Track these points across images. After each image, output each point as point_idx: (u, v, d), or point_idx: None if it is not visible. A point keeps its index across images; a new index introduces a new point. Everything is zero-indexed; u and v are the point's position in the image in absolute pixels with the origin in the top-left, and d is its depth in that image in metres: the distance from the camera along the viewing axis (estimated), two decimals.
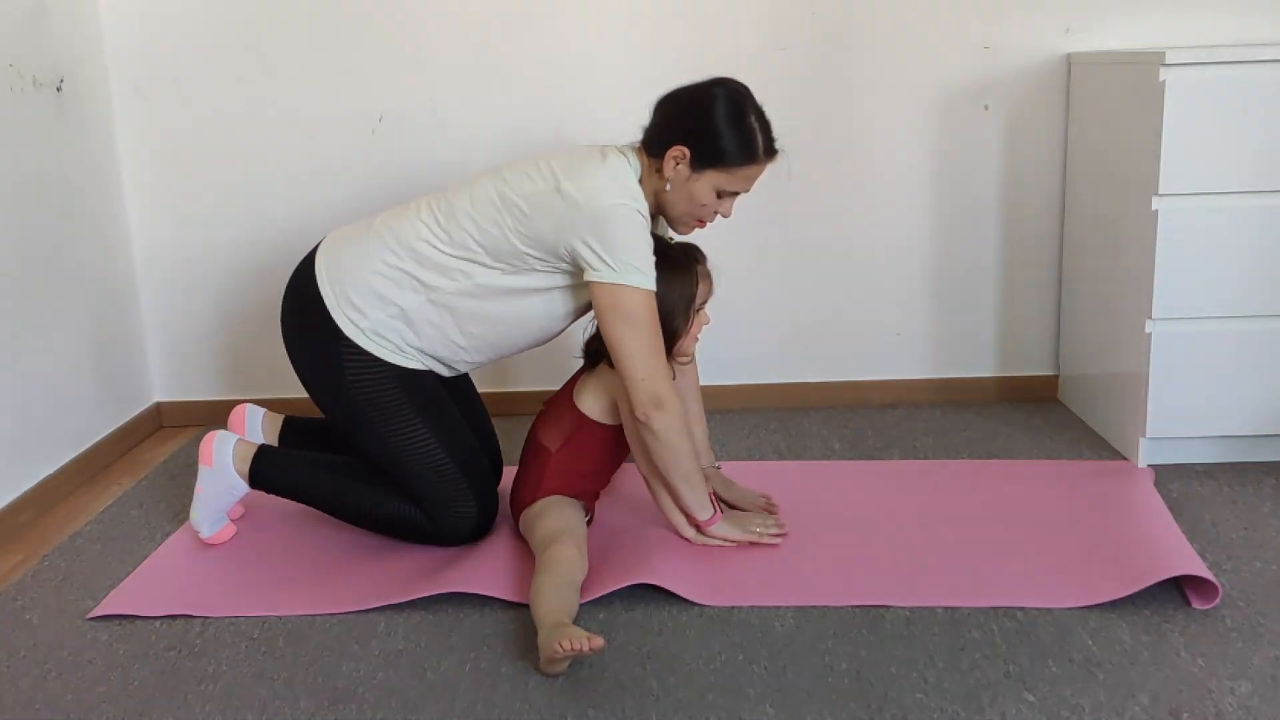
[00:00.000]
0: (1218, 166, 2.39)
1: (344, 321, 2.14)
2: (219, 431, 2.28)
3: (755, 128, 2.09)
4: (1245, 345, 2.48)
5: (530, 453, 2.26)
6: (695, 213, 2.15)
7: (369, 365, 2.15)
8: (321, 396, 2.23)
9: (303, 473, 2.25)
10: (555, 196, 2.05)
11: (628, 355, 2.04)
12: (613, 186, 2.06)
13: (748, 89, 2.14)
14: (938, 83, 2.92)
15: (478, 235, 2.10)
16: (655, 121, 2.14)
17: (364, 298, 2.14)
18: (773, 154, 2.13)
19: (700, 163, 2.08)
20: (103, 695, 1.80)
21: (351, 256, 2.17)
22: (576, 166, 2.09)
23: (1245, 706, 1.67)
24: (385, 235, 2.16)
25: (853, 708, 1.70)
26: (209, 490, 2.25)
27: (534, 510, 2.17)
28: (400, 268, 2.13)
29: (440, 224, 2.13)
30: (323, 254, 2.21)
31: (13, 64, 2.52)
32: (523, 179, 2.10)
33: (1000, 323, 3.07)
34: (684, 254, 2.20)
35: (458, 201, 2.14)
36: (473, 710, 1.73)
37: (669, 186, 2.11)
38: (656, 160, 2.11)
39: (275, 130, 2.96)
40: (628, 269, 2.02)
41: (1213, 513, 2.32)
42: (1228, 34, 2.85)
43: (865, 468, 2.64)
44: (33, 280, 2.58)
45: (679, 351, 2.22)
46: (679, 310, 2.16)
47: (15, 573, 2.26)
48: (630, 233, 2.04)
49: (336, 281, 2.16)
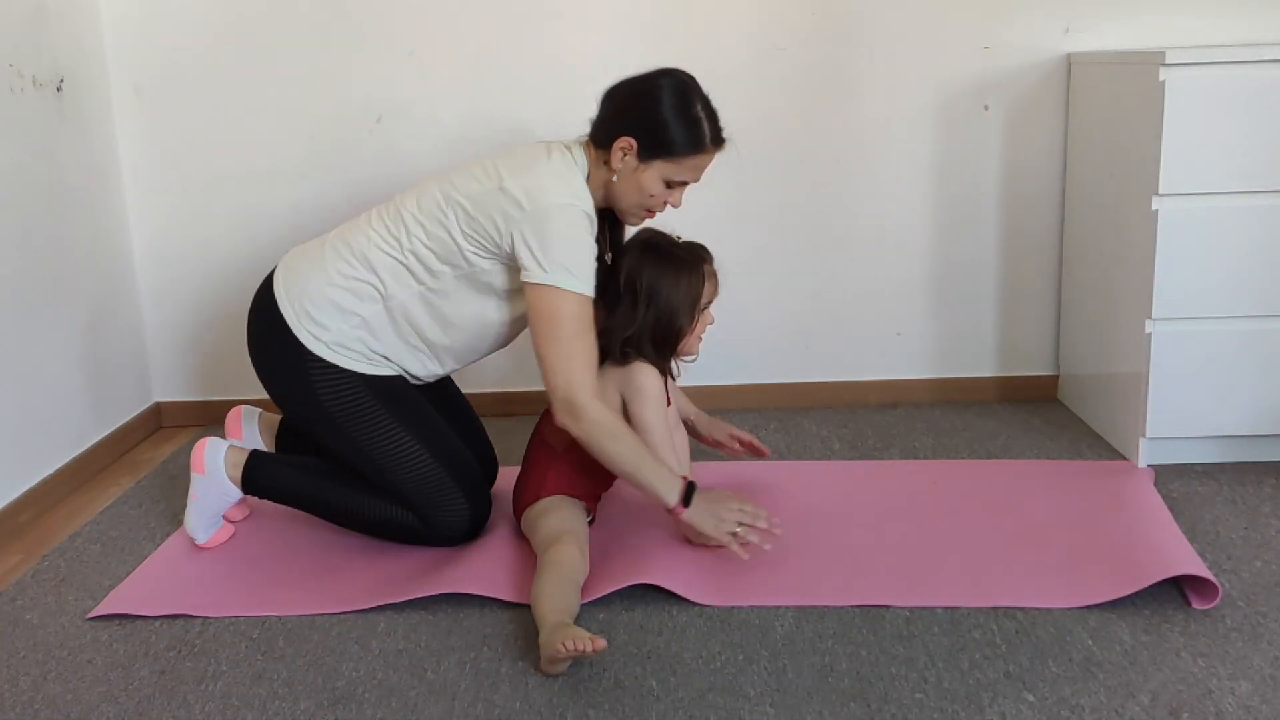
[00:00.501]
0: (1218, 166, 2.39)
1: (306, 336, 2.15)
2: (210, 438, 2.27)
3: (702, 117, 2.09)
4: (1245, 345, 2.48)
5: (535, 452, 2.25)
6: (644, 203, 2.14)
7: (337, 376, 2.15)
8: (298, 413, 2.23)
9: (295, 478, 2.25)
10: (498, 195, 2.06)
11: (545, 359, 2.04)
12: (556, 186, 2.06)
13: (694, 79, 2.13)
14: (938, 83, 2.92)
15: (426, 239, 2.12)
16: (602, 113, 2.14)
17: (323, 311, 2.15)
18: (720, 143, 2.12)
19: (647, 153, 2.07)
20: (102, 695, 1.80)
21: (308, 272, 2.18)
22: (520, 165, 2.09)
23: (1245, 706, 1.67)
24: (339, 247, 2.18)
25: (853, 707, 1.70)
26: (202, 497, 2.25)
27: (536, 509, 2.17)
28: (356, 277, 2.14)
29: (390, 231, 2.15)
30: (280, 273, 2.23)
31: (12, 64, 2.52)
32: (468, 180, 2.12)
33: (1000, 323, 3.07)
34: (691, 253, 2.19)
35: (405, 207, 2.15)
36: (472, 710, 1.73)
37: (617, 178, 2.10)
38: (604, 152, 2.10)
39: (274, 130, 2.96)
40: (558, 270, 2.01)
41: (1213, 512, 2.32)
42: (1228, 34, 2.85)
43: (865, 467, 2.64)
44: (32, 280, 2.58)
45: (683, 350, 2.22)
46: (684, 309, 2.16)
47: (15, 573, 2.26)
48: (567, 234, 2.03)
49: (295, 298, 2.16)
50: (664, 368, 2.20)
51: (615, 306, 2.17)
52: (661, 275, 2.15)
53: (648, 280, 2.14)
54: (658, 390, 2.17)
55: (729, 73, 2.92)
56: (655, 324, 2.15)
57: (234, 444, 2.28)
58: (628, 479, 2.08)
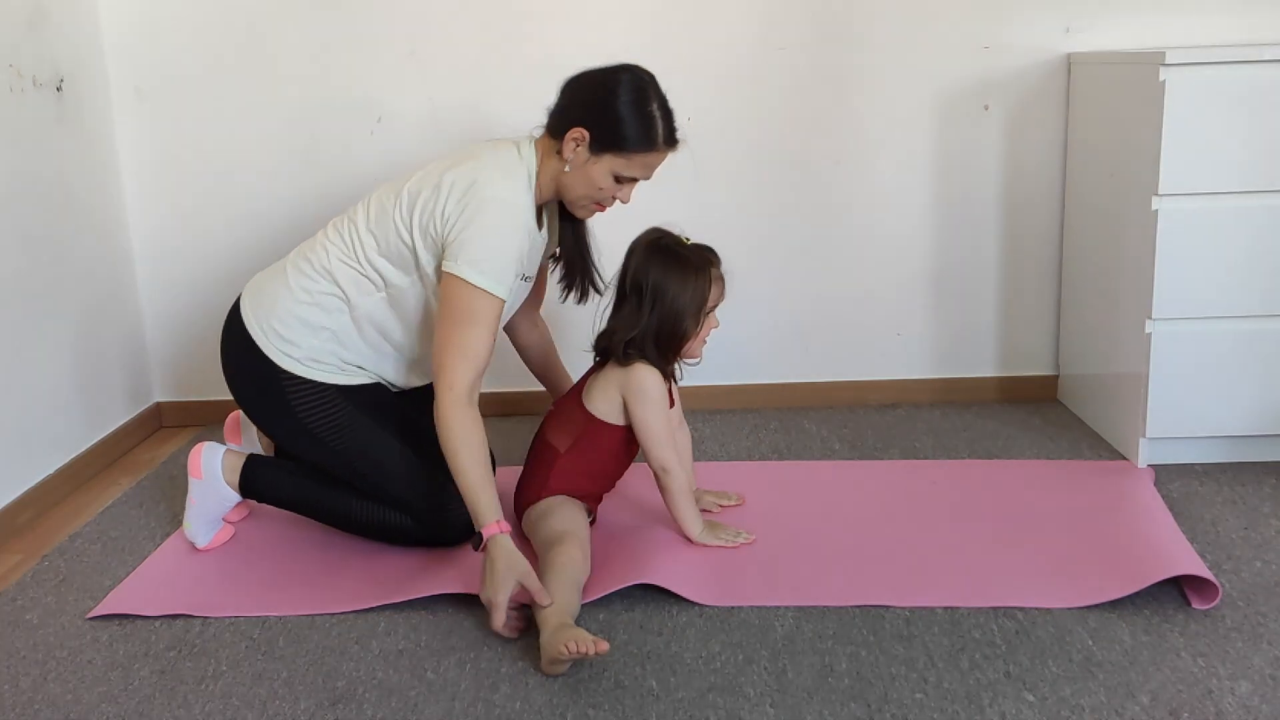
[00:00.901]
0: (1218, 166, 2.39)
1: (278, 355, 2.16)
2: (207, 443, 2.28)
3: (657, 115, 2.09)
4: (1245, 345, 2.48)
5: (538, 451, 2.25)
6: (593, 196, 2.14)
7: (314, 391, 2.16)
8: (282, 434, 2.24)
9: (293, 482, 2.25)
10: (437, 192, 2.07)
11: (435, 342, 2.03)
12: (491, 180, 2.06)
13: (653, 76, 2.13)
14: (938, 83, 2.92)
15: (379, 245, 2.13)
16: (559, 103, 2.14)
17: (291, 328, 2.16)
18: (673, 143, 2.13)
19: (599, 146, 2.07)
20: (103, 695, 1.80)
21: (273, 293, 2.19)
22: (461, 161, 2.10)
23: (1245, 706, 1.67)
24: (300, 264, 2.19)
25: (853, 708, 1.70)
26: (200, 502, 2.25)
27: (538, 509, 2.16)
28: (320, 291, 2.16)
29: (345, 240, 2.16)
30: (245, 298, 2.24)
31: (12, 64, 2.52)
32: (414, 180, 2.13)
33: (1000, 323, 3.07)
34: (699, 255, 2.17)
35: (357, 219, 2.17)
36: (472, 710, 1.73)
37: (568, 168, 2.10)
38: (558, 141, 2.10)
39: (275, 131, 2.96)
40: (472, 266, 2.01)
41: (1212, 512, 2.32)
42: (1228, 34, 2.85)
43: (865, 468, 2.64)
44: (32, 281, 2.58)
45: (687, 353, 2.20)
46: (689, 312, 2.14)
47: (15, 573, 2.26)
48: (491, 229, 2.03)
49: (263, 319, 2.18)
50: (667, 370, 2.19)
51: (620, 305, 2.17)
52: (668, 277, 2.13)
53: (654, 281, 2.12)
54: (659, 391, 2.16)
55: (729, 73, 2.93)
56: (660, 326, 2.14)
57: (231, 448, 2.28)
58: (461, 483, 2.01)
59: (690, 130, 2.92)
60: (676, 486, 2.17)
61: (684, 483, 2.19)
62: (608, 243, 2.32)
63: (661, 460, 2.15)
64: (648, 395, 2.15)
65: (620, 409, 2.18)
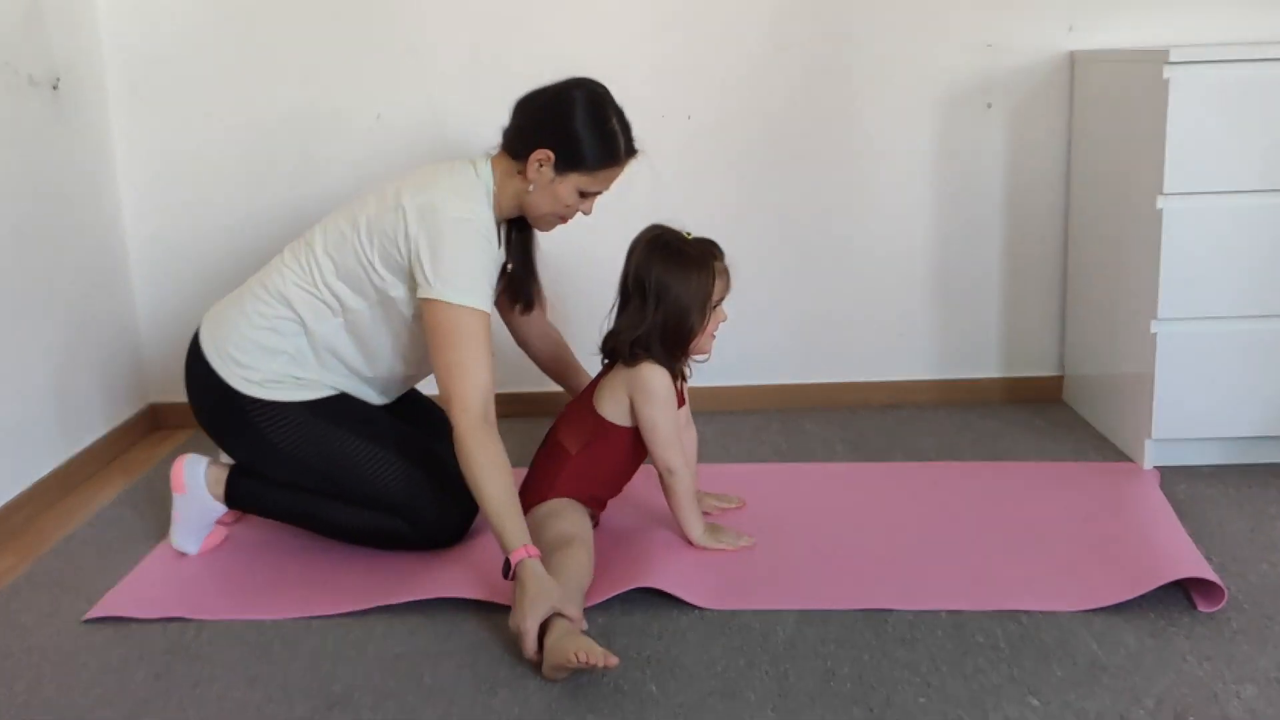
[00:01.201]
0: (1222, 165, 2.38)
1: (237, 381, 2.15)
2: (189, 455, 2.26)
3: (617, 130, 2.11)
4: (1251, 345, 2.46)
5: (549, 452, 2.22)
6: (559, 212, 2.17)
7: (279, 411, 2.15)
8: (256, 460, 2.21)
9: (279, 491, 2.22)
10: (396, 214, 2.07)
11: (438, 373, 2.03)
12: (451, 202, 2.07)
13: (606, 89, 2.14)
14: (940, 81, 2.91)
15: (336, 270, 2.13)
16: (516, 124, 2.15)
17: (249, 354, 2.15)
18: (633, 154, 2.15)
19: (564, 166, 2.09)
20: (98, 698, 1.79)
21: (230, 319, 2.19)
22: (418, 183, 2.11)
23: (1251, 710, 1.65)
24: (257, 290, 2.19)
25: (855, 712, 1.68)
26: (184, 515, 2.24)
27: (545, 510, 2.14)
28: (277, 315, 2.15)
29: (302, 265, 2.16)
30: (204, 326, 2.23)
31: (8, 63, 2.51)
32: (371, 203, 2.14)
33: (1004, 323, 3.06)
34: (700, 249, 2.14)
35: (314, 243, 2.17)
36: (470, 715, 1.71)
37: (532, 188, 2.12)
38: (519, 163, 2.11)
39: (272, 129, 2.95)
40: (448, 286, 2.01)
41: (1218, 515, 2.31)
42: (1232, 32, 2.84)
43: (868, 469, 2.62)
44: (27, 280, 2.57)
45: (695, 349, 2.17)
46: (694, 307, 2.11)
47: (9, 575, 2.25)
48: (459, 249, 2.04)
49: (219, 345, 2.17)
50: (675, 368, 2.17)
51: (624, 305, 2.15)
52: (670, 273, 2.10)
53: (656, 278, 2.10)
54: (666, 391, 2.14)
55: (730, 73, 2.91)
56: (665, 323, 2.11)
57: (213, 460, 2.26)
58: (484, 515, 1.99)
59: (691, 129, 2.94)
60: (681, 489, 2.16)
61: (689, 485, 2.17)
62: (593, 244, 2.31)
63: (666, 461, 2.14)
64: (654, 394, 2.13)
65: (629, 410, 2.16)
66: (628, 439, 2.18)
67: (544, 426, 2.30)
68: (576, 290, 2.82)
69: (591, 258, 2.96)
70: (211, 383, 2.17)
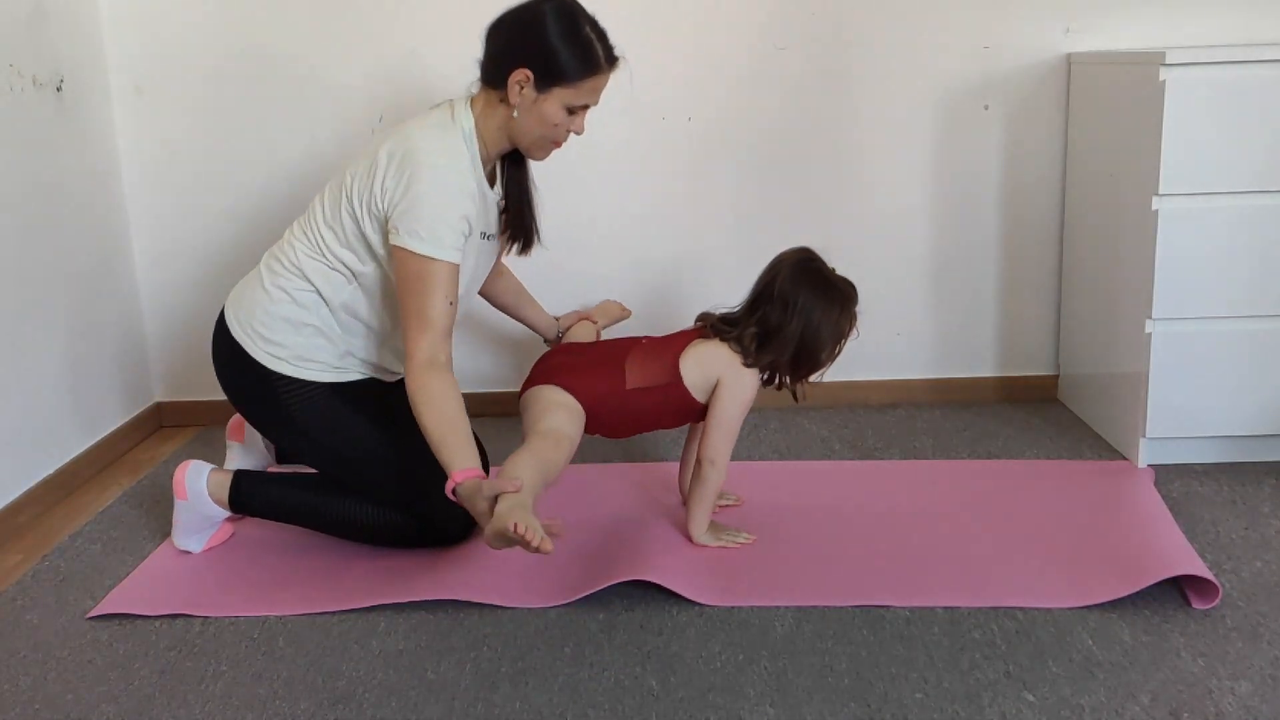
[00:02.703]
0: (1218, 166, 2.39)
1: (267, 359, 2.16)
2: (192, 462, 2.26)
3: (592, 38, 2.07)
4: (1245, 345, 2.48)
5: (602, 363, 2.21)
6: (549, 134, 2.12)
7: (305, 390, 2.16)
8: (279, 436, 2.25)
9: (283, 493, 2.24)
10: (371, 168, 2.07)
11: (401, 314, 2.03)
12: (425, 147, 2.05)
13: (576, 0, 2.11)
14: (938, 83, 2.92)
15: (338, 237, 2.13)
16: (490, 51, 2.12)
17: (275, 330, 2.16)
18: (614, 61, 2.10)
19: (544, 83, 2.05)
20: (103, 695, 1.80)
21: (252, 298, 2.19)
22: (396, 132, 2.10)
23: (1245, 706, 1.67)
24: (273, 265, 2.19)
25: (853, 708, 1.70)
26: (186, 522, 2.25)
27: (555, 397, 2.15)
28: (296, 289, 2.16)
29: (309, 236, 2.16)
30: (229, 308, 2.24)
31: (12, 64, 2.52)
32: (355, 162, 2.13)
33: (1000, 323, 3.07)
34: (848, 288, 2.17)
35: (316, 211, 2.17)
36: (472, 710, 1.73)
37: (517, 113, 2.08)
38: (499, 90, 2.09)
39: (275, 130, 2.96)
40: (408, 234, 2.00)
41: (1213, 513, 2.32)
42: (1228, 34, 2.85)
43: (865, 468, 2.64)
44: (32, 280, 2.58)
45: (808, 376, 2.20)
46: (831, 340, 2.14)
47: (15, 572, 2.26)
48: (425, 195, 2.01)
49: (246, 324, 2.18)
50: (778, 383, 2.21)
51: (755, 307, 2.17)
52: (816, 300, 2.12)
53: (804, 302, 2.12)
54: (752, 399, 2.18)
55: (729, 73, 2.92)
56: (800, 346, 2.13)
57: (215, 468, 2.27)
58: (430, 442, 2.00)
59: (691, 130, 2.95)
60: (712, 484, 2.17)
61: (718, 484, 2.19)
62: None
63: (715, 453, 2.16)
64: (746, 397, 2.17)
65: (709, 389, 2.18)
66: (683, 407, 2.19)
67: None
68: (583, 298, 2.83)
69: (594, 260, 2.98)
70: (241, 360, 2.18)
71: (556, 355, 2.30)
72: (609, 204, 2.99)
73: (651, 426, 2.27)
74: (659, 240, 2.99)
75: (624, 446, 2.77)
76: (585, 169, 2.94)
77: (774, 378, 2.20)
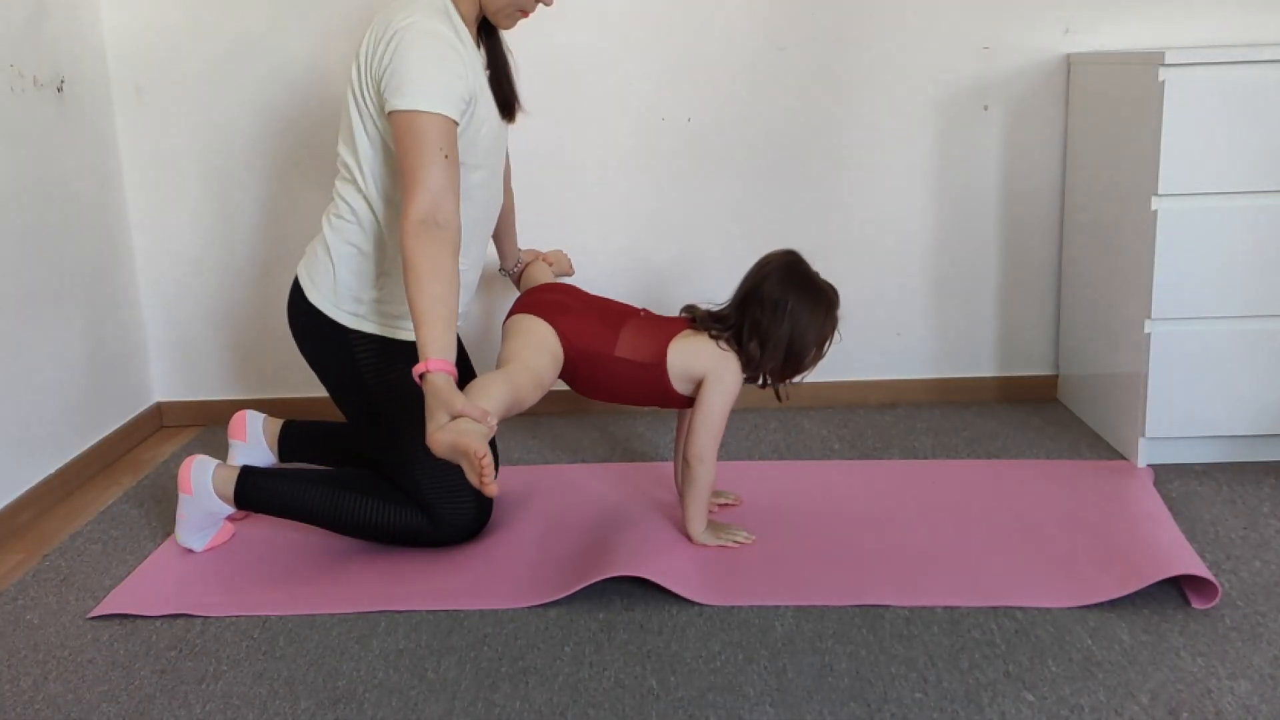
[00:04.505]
0: (1217, 167, 2.39)
1: (344, 316, 2.18)
2: (198, 457, 2.26)
3: None
4: (1245, 345, 2.48)
5: (594, 316, 2.22)
6: (516, 2, 2.15)
7: (382, 353, 2.17)
8: (347, 399, 2.26)
9: (289, 490, 2.23)
10: (361, 60, 2.08)
11: (405, 177, 1.99)
12: (401, 15, 2.05)
13: None
14: (937, 83, 2.92)
15: (375, 174, 2.14)
16: None
17: (352, 284, 2.17)
18: None
19: None
20: (103, 695, 1.81)
21: (322, 255, 2.21)
22: (374, 20, 2.11)
23: (1245, 706, 1.67)
24: (333, 220, 2.20)
25: (852, 707, 1.70)
26: (190, 516, 2.25)
27: (546, 339, 2.15)
28: (360, 233, 2.17)
29: (349, 177, 2.17)
30: (302, 268, 2.25)
31: (13, 64, 2.52)
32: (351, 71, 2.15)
33: (1000, 323, 3.07)
34: (833, 293, 2.20)
35: (344, 158, 2.18)
36: (473, 710, 1.73)
37: None
38: None
39: (275, 130, 2.96)
40: (398, 95, 1.99)
41: (1212, 512, 2.32)
42: (1227, 34, 2.85)
43: (865, 467, 2.64)
44: (33, 280, 2.58)
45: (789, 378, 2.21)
46: (815, 344, 2.16)
47: (16, 572, 2.26)
48: (413, 56, 2.00)
49: (321, 280, 2.19)
50: (762, 381, 2.22)
51: (743, 306, 2.17)
52: (804, 304, 2.15)
53: (792, 305, 2.14)
54: (738, 391, 2.19)
55: (729, 73, 2.93)
56: (788, 348, 2.15)
57: (221, 463, 2.27)
58: (411, 313, 1.95)
59: (691, 130, 2.95)
60: (703, 482, 2.18)
61: (709, 482, 2.19)
62: None
63: (702, 450, 2.16)
64: (730, 389, 2.17)
65: (688, 380, 2.19)
66: (658, 390, 2.20)
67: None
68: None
69: (593, 259, 2.98)
70: (318, 320, 2.19)
71: (554, 291, 2.30)
72: (609, 204, 2.99)
73: (620, 399, 2.27)
74: (659, 240, 3.00)
75: (623, 446, 2.77)
76: (585, 169, 2.94)
77: (758, 377, 2.21)
